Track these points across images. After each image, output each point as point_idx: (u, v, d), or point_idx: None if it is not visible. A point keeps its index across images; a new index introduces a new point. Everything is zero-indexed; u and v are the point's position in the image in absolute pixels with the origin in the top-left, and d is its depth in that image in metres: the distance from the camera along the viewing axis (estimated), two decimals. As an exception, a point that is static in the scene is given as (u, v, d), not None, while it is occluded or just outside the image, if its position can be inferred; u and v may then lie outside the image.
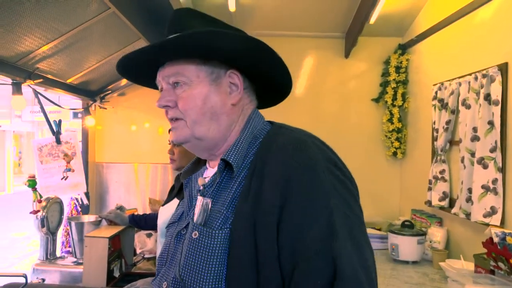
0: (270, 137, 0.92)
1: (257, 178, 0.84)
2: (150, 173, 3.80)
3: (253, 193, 0.82)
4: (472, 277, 2.02)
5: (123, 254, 2.55)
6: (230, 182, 0.90)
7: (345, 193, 0.83)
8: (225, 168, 0.92)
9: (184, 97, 0.93)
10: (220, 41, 0.90)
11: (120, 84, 3.58)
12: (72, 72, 2.91)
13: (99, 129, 3.82)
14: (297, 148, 0.84)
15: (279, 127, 0.96)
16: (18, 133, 18.64)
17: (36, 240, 6.23)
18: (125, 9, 2.28)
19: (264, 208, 0.79)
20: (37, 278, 2.50)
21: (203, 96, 0.93)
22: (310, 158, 0.83)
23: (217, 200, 0.89)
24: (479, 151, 2.30)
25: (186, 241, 0.88)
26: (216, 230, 0.83)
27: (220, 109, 0.94)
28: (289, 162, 0.82)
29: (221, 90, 0.95)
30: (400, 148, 3.57)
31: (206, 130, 0.94)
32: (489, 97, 2.27)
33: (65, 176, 2.86)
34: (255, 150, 0.92)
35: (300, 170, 0.81)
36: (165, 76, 0.96)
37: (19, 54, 2.24)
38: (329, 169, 0.83)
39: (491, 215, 2.22)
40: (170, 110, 0.96)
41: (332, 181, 0.82)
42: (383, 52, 3.62)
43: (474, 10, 2.51)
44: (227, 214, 0.85)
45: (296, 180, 0.80)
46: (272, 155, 0.85)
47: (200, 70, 0.94)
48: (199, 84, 0.93)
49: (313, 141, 0.88)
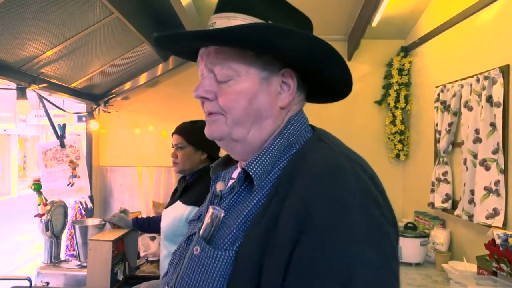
0: (305, 151, 0.79)
1: (279, 200, 0.71)
2: (153, 176, 3.82)
3: (269, 217, 0.70)
4: (474, 279, 2.02)
5: (126, 257, 2.56)
6: (249, 196, 0.78)
7: (380, 238, 0.66)
8: (246, 179, 0.80)
9: (228, 93, 0.80)
10: (285, 39, 0.76)
11: (123, 88, 3.60)
12: (76, 77, 2.93)
13: (103, 133, 3.84)
14: (329, 173, 0.69)
15: (319, 139, 0.81)
16: (23, 137, 18.72)
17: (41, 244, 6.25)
18: (129, 14, 2.30)
19: (277, 239, 0.67)
20: (42, 282, 2.52)
21: (251, 95, 0.80)
22: (343, 188, 0.67)
23: (231, 213, 0.78)
24: (481, 153, 2.30)
25: (188, 253, 0.80)
26: (220, 250, 0.73)
27: (267, 112, 0.82)
28: (315, 190, 0.67)
29: (271, 90, 0.82)
30: (403, 150, 3.57)
31: (246, 133, 0.82)
32: (491, 99, 2.27)
33: (71, 182, 2.88)
34: (285, 163, 0.79)
35: (326, 203, 0.65)
36: (208, 62, 0.82)
37: (23, 59, 2.26)
38: (365, 207, 0.67)
39: (494, 216, 2.22)
40: (208, 103, 0.83)
41: (365, 224, 0.65)
42: (386, 55, 3.63)
43: (476, 12, 2.52)
44: (237, 233, 0.74)
45: (319, 215, 0.64)
46: (300, 175, 0.71)
47: (252, 64, 0.80)
48: (247, 80, 0.80)
49: (352, 166, 0.72)
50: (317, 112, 3.63)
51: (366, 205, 0.67)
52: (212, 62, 0.81)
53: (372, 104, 3.70)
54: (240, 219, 0.74)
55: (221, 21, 0.80)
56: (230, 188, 0.82)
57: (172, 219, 2.10)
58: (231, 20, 0.79)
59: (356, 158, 0.77)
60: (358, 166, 0.74)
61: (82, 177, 2.94)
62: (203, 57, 0.83)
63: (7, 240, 8.45)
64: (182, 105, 3.66)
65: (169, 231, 2.09)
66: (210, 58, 0.81)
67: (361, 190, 0.68)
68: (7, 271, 6.46)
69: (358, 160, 0.77)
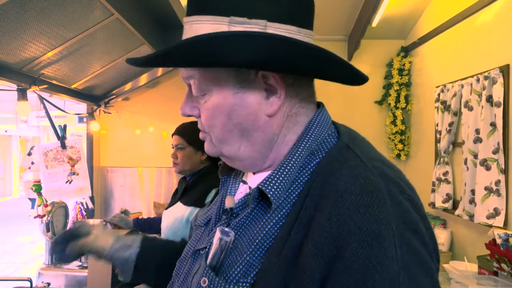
0: (331, 164, 0.66)
1: (301, 227, 0.61)
2: (154, 177, 3.82)
3: (290, 247, 0.61)
4: (475, 279, 2.02)
5: (127, 258, 2.56)
6: (265, 215, 0.67)
7: (422, 276, 0.57)
8: (260, 196, 0.69)
9: (205, 109, 0.71)
10: (235, 47, 0.62)
11: (124, 89, 3.60)
12: (76, 78, 2.94)
13: (104, 134, 3.85)
14: (362, 202, 0.58)
15: (346, 147, 0.68)
16: (24, 138, 18.75)
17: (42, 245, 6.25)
18: (129, 15, 2.31)
19: (300, 277, 0.58)
20: (43, 283, 2.52)
21: (227, 109, 0.69)
22: (378, 220, 0.57)
23: (242, 235, 0.67)
24: (482, 153, 2.30)
25: (194, 281, 0.71)
26: (232, 283, 0.64)
27: (252, 125, 0.70)
28: (345, 222, 0.57)
29: (252, 99, 0.69)
30: (404, 150, 3.57)
31: (236, 149, 0.72)
32: (491, 99, 2.27)
33: (69, 179, 2.88)
34: (307, 177, 0.67)
35: (359, 238, 0.56)
36: (183, 77, 0.74)
37: (24, 61, 2.26)
38: (404, 239, 0.57)
39: (494, 216, 2.22)
40: (198, 119, 0.75)
41: (404, 260, 0.56)
42: (386, 55, 3.63)
43: (476, 12, 2.52)
44: (251, 261, 0.64)
45: (350, 252, 0.55)
46: (327, 201, 0.61)
47: (221, 76, 0.69)
48: (219, 94, 0.69)
49: (389, 190, 0.61)
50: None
51: (405, 236, 0.58)
52: (184, 76, 0.73)
53: (372, 104, 3.70)
54: (255, 244, 0.65)
55: (187, 26, 0.70)
56: (242, 203, 0.71)
57: (173, 220, 2.10)
58: (193, 26, 0.68)
59: (391, 172, 0.66)
60: (395, 185, 0.63)
61: (82, 177, 2.94)
62: (179, 71, 0.75)
63: (8, 241, 8.46)
64: (183, 105, 3.65)
65: (169, 232, 2.10)
66: (182, 72, 0.73)
67: (399, 220, 0.58)
68: (8, 272, 6.47)
69: (394, 175, 0.66)
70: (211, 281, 0.65)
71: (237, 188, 0.81)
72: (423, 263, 0.58)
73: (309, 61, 0.67)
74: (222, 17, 0.66)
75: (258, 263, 0.63)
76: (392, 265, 0.55)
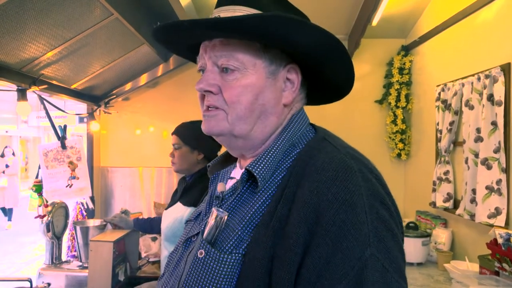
0: (310, 151, 0.76)
1: (286, 202, 0.70)
2: (155, 177, 3.82)
3: (277, 220, 0.69)
4: (476, 279, 2.02)
5: (128, 258, 2.56)
6: (253, 197, 0.76)
7: (388, 239, 0.67)
8: (249, 179, 0.78)
9: (234, 86, 0.77)
10: (301, 32, 0.74)
11: (124, 89, 3.60)
12: (76, 78, 2.93)
13: (104, 134, 3.84)
14: (337, 177, 0.68)
15: (322, 139, 0.80)
16: (25, 138, 18.77)
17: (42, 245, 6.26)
18: (128, 15, 2.30)
19: (286, 243, 0.67)
20: (43, 283, 2.52)
21: (257, 89, 0.78)
22: (351, 191, 0.66)
23: (234, 215, 0.76)
24: (483, 152, 2.30)
25: (191, 256, 0.77)
26: (226, 253, 0.71)
27: (272, 108, 0.80)
28: (324, 193, 0.67)
29: (277, 86, 0.80)
30: (404, 150, 3.56)
31: (249, 129, 0.79)
32: (492, 97, 2.27)
33: (69, 184, 2.88)
34: (289, 164, 0.77)
35: (336, 206, 0.65)
36: (213, 55, 0.79)
37: (24, 61, 2.26)
38: (373, 208, 0.67)
39: (496, 216, 2.21)
40: (211, 96, 0.79)
41: (374, 225, 0.66)
42: (386, 54, 3.62)
43: (477, 11, 2.51)
44: (242, 235, 0.72)
45: (328, 218, 0.65)
46: (307, 178, 0.70)
47: (259, 57, 0.78)
48: (254, 75, 0.77)
49: (360, 169, 0.71)
50: (318, 112, 3.64)
51: (374, 206, 0.67)
52: (218, 54, 0.78)
53: (373, 104, 3.69)
54: (245, 221, 0.73)
55: (225, 13, 0.77)
56: (232, 189, 0.80)
57: (172, 220, 2.10)
58: (237, 13, 0.76)
59: (361, 158, 0.76)
60: (364, 167, 0.73)
61: (83, 178, 2.94)
62: (206, 50, 0.79)
63: (8, 241, 8.46)
64: (183, 105, 3.66)
65: (169, 232, 2.10)
66: (215, 51, 0.78)
67: (369, 192, 0.68)
68: (9, 272, 6.47)
69: (364, 160, 0.76)
70: (207, 252, 0.72)
71: (225, 183, 0.89)
72: (390, 229, 0.68)
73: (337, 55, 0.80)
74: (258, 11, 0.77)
75: (248, 237, 0.72)
76: (363, 228, 0.64)
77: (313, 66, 0.82)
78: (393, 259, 0.66)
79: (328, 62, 0.80)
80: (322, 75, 0.85)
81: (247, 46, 0.77)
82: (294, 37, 0.74)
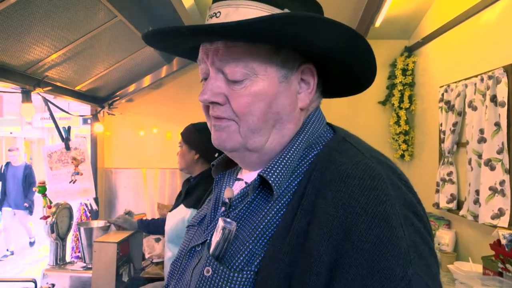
0: (329, 153, 0.67)
1: (304, 213, 0.61)
2: (158, 178, 3.83)
3: (295, 233, 0.60)
4: (480, 280, 2.01)
5: (131, 259, 2.57)
6: (266, 204, 0.67)
7: (427, 254, 0.59)
8: (260, 185, 0.69)
9: (243, 95, 0.68)
10: (322, 32, 0.65)
11: (128, 91, 3.61)
12: (80, 80, 2.95)
13: (108, 135, 3.86)
14: (365, 185, 0.59)
15: (343, 140, 0.71)
16: (29, 139, 18.83)
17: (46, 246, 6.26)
18: (132, 17, 2.31)
19: (307, 261, 0.58)
20: (47, 283, 2.53)
21: (270, 97, 0.68)
22: (382, 201, 0.58)
23: (243, 225, 0.67)
24: (486, 153, 2.29)
25: (196, 272, 0.69)
26: (236, 271, 0.62)
27: (288, 116, 0.71)
28: (352, 205, 0.58)
29: (291, 90, 0.71)
30: (408, 151, 3.56)
31: (264, 141, 0.70)
32: (495, 98, 2.26)
33: (73, 179, 2.90)
34: (306, 167, 0.68)
35: (367, 219, 0.56)
36: (217, 60, 0.69)
37: (28, 63, 2.28)
38: (408, 220, 0.59)
39: (499, 217, 2.21)
40: (218, 108, 0.70)
41: (412, 239, 0.57)
42: (389, 55, 3.63)
43: (480, 11, 2.51)
44: (254, 249, 0.63)
45: (359, 234, 0.56)
46: (329, 186, 0.61)
47: (270, 61, 0.68)
48: (265, 80, 0.68)
49: (388, 175, 0.63)
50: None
51: (409, 217, 0.60)
52: (223, 59, 0.68)
53: (376, 105, 3.69)
54: (257, 233, 0.64)
55: (227, 9, 0.68)
56: (241, 194, 0.71)
57: (176, 222, 2.12)
58: (240, 9, 0.67)
59: (388, 162, 0.68)
60: (392, 172, 0.65)
61: (87, 179, 2.96)
62: (208, 55, 0.70)
63: (12, 242, 8.48)
64: (186, 106, 3.67)
65: (173, 234, 2.12)
66: (219, 55, 0.68)
67: (400, 201, 0.60)
68: (13, 273, 6.49)
69: (391, 164, 0.68)
70: (215, 270, 0.63)
71: (232, 186, 0.81)
72: (426, 242, 0.60)
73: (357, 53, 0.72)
74: (274, 8, 0.67)
75: (261, 252, 0.63)
76: (402, 244, 0.56)
77: (331, 64, 0.74)
78: (434, 276, 0.59)
79: (348, 59, 0.72)
80: (340, 72, 0.76)
81: (255, 49, 0.67)
82: (317, 38, 0.66)
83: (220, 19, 0.67)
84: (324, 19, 0.64)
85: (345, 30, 0.66)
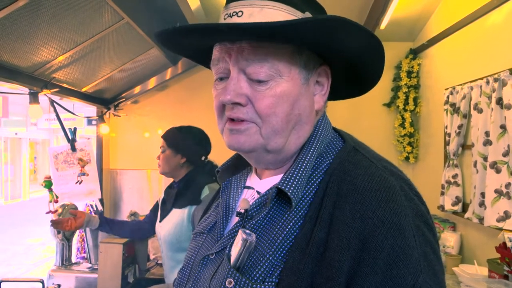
0: (343, 164, 0.69)
1: (323, 225, 0.63)
2: (163, 179, 3.84)
3: (315, 244, 0.62)
4: (486, 282, 2.01)
5: (137, 260, 2.58)
6: (282, 215, 0.68)
7: (435, 263, 0.63)
8: (277, 195, 0.70)
9: (267, 96, 0.68)
10: (352, 35, 0.68)
11: (133, 92, 3.63)
12: (87, 81, 2.97)
13: (113, 137, 3.88)
14: (381, 197, 0.63)
15: (354, 150, 0.73)
16: (34, 140, 18.92)
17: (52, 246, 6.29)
18: (138, 19, 2.33)
19: (328, 271, 0.60)
20: (53, 284, 2.54)
21: (293, 98, 0.69)
22: (397, 213, 0.61)
23: (262, 236, 0.68)
24: (492, 155, 2.29)
25: (216, 283, 0.69)
26: (257, 283, 0.64)
27: (307, 117, 0.72)
28: (369, 217, 0.61)
29: (310, 92, 0.73)
30: (413, 153, 3.55)
31: (283, 142, 0.71)
32: (501, 101, 2.26)
33: (79, 180, 2.91)
34: (319, 178, 0.70)
35: (383, 230, 0.60)
36: (242, 59, 0.68)
37: (36, 64, 2.30)
38: (419, 230, 0.63)
39: (505, 219, 2.20)
40: (239, 109, 0.69)
41: (422, 248, 0.61)
42: (394, 57, 3.63)
43: (485, 14, 2.50)
44: (274, 260, 0.65)
45: (376, 244, 0.59)
46: (347, 199, 0.64)
47: (294, 62, 0.69)
48: (289, 82, 0.69)
49: (401, 186, 0.66)
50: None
51: (420, 228, 0.63)
52: (249, 59, 0.67)
53: (381, 107, 3.69)
54: (276, 244, 0.65)
55: (250, 9, 0.67)
56: (257, 204, 0.72)
57: (173, 226, 2.07)
58: (265, 9, 0.67)
59: (399, 172, 0.71)
60: (404, 183, 0.68)
61: (92, 180, 2.97)
62: (231, 54, 0.69)
63: (18, 243, 8.53)
64: (191, 108, 3.69)
65: (173, 239, 2.05)
66: (245, 55, 0.67)
67: (413, 212, 0.64)
68: (18, 273, 6.53)
69: (402, 175, 0.71)
70: (237, 281, 0.64)
71: (240, 194, 0.82)
72: (435, 251, 0.64)
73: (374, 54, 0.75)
74: (296, 10, 0.69)
75: (281, 263, 0.64)
76: (413, 253, 0.60)
77: (345, 65, 0.76)
78: (441, 284, 0.63)
79: (366, 62, 0.75)
80: (347, 73, 0.78)
81: (281, 49, 0.68)
82: (344, 41, 0.68)
83: (243, 19, 0.67)
84: (356, 24, 0.67)
85: (370, 35, 0.69)
